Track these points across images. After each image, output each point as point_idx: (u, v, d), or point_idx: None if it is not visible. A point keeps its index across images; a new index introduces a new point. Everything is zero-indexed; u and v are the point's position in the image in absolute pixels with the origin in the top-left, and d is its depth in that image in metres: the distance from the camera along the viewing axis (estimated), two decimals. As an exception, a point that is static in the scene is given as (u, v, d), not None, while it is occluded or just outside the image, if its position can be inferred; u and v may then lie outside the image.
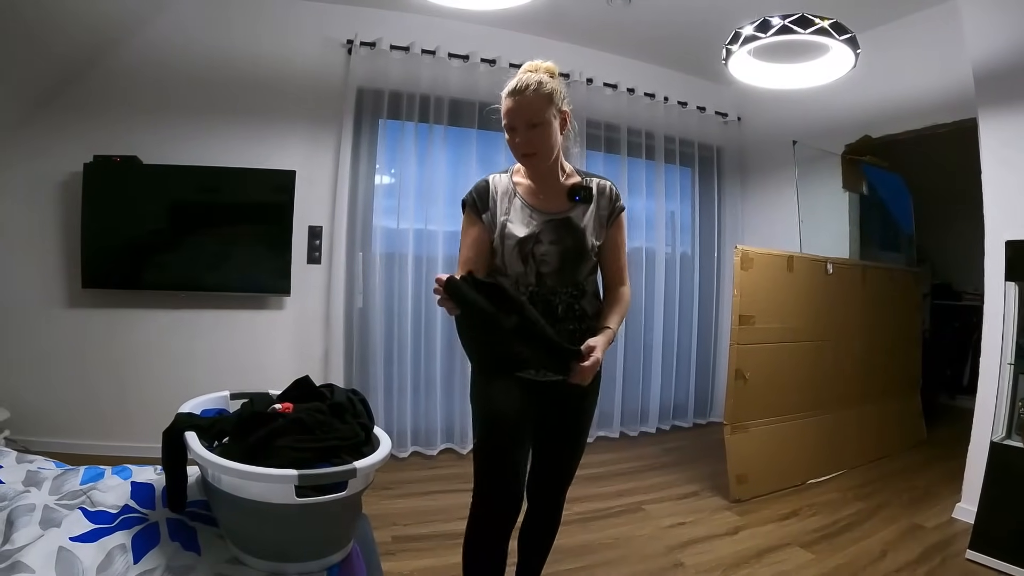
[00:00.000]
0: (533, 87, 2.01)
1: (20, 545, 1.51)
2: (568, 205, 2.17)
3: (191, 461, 1.64)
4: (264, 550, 1.54)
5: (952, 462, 4.16)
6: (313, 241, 4.81)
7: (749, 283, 4.17)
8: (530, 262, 2.12)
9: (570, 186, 2.19)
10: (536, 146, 2.05)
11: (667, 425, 6.08)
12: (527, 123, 2.02)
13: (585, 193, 2.18)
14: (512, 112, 2.04)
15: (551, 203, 2.17)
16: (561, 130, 2.11)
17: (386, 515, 3.62)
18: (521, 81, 2.03)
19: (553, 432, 2.24)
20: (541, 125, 2.03)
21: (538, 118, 2.02)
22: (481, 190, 2.19)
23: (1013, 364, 3.40)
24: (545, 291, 2.13)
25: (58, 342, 4.39)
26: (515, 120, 2.04)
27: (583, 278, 2.20)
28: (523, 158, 2.10)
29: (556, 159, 2.15)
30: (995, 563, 3.11)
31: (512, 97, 2.03)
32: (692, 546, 3.45)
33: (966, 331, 6.85)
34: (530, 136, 2.03)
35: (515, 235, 2.10)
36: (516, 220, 2.13)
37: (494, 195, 2.17)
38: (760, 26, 3.11)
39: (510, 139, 2.07)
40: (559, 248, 2.13)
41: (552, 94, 2.04)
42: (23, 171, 4.28)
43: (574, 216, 2.16)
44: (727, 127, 6.35)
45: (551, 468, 2.32)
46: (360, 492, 1.64)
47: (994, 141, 3.67)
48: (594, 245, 2.18)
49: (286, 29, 4.74)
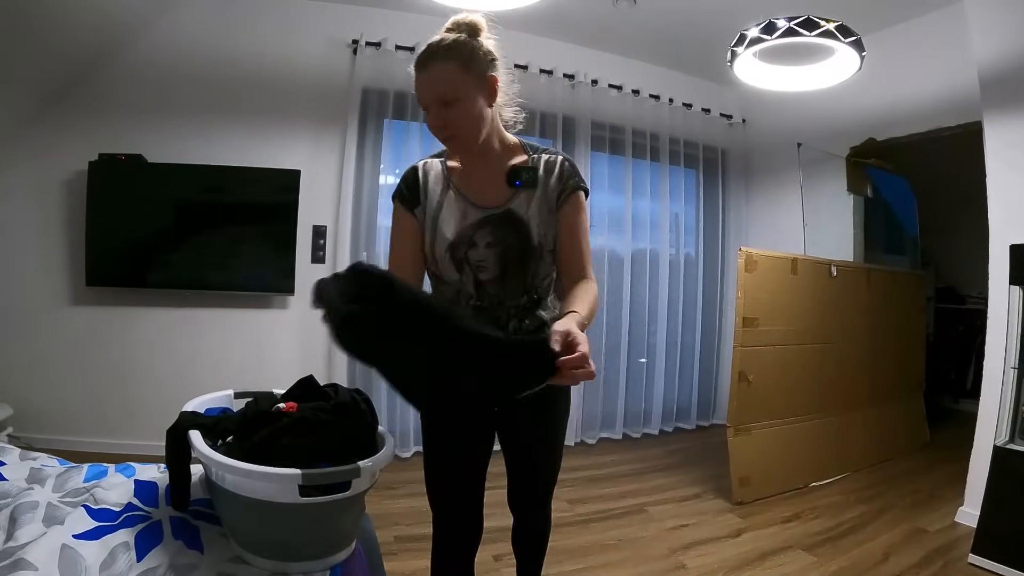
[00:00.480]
0: (443, 52, 1.63)
1: (23, 543, 1.51)
2: (509, 193, 1.79)
3: (195, 459, 1.64)
4: (267, 549, 1.54)
5: (955, 466, 4.15)
6: (317, 241, 4.81)
7: (753, 285, 4.17)
8: (466, 270, 1.79)
9: (511, 168, 1.80)
10: (455, 127, 1.68)
11: (670, 427, 6.07)
12: (439, 100, 1.64)
13: (528, 176, 1.79)
14: (420, 88, 1.67)
15: (489, 192, 1.80)
16: (488, 102, 1.72)
17: (389, 515, 3.63)
18: (433, 45, 1.65)
19: (519, 447, 2.02)
20: (458, 101, 1.64)
21: (452, 93, 1.63)
22: (410, 180, 1.86)
23: (1017, 368, 3.39)
24: (489, 304, 1.81)
25: (62, 340, 4.40)
26: (424, 98, 1.67)
27: (538, 282, 1.85)
28: (444, 142, 1.74)
29: (489, 138, 1.77)
30: (998, 567, 3.11)
31: (418, 68, 1.67)
32: (694, 548, 3.45)
33: (970, 335, 6.86)
34: (446, 116, 1.66)
35: (446, 238, 1.78)
36: (448, 217, 1.80)
37: (424, 185, 1.84)
38: (766, 28, 3.12)
39: (427, 121, 1.72)
40: (498, 251, 1.77)
41: (470, 59, 1.65)
42: (28, 169, 4.30)
43: (516, 207, 1.79)
44: (732, 129, 6.35)
45: (524, 483, 2.08)
46: (364, 492, 1.63)
47: (999, 144, 3.66)
48: (544, 239, 1.79)
49: (291, 29, 4.75)
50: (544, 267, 1.83)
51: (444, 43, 1.64)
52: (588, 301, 1.67)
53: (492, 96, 1.72)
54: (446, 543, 2.01)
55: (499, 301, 1.81)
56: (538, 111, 5.28)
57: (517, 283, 1.80)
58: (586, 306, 1.63)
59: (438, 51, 1.63)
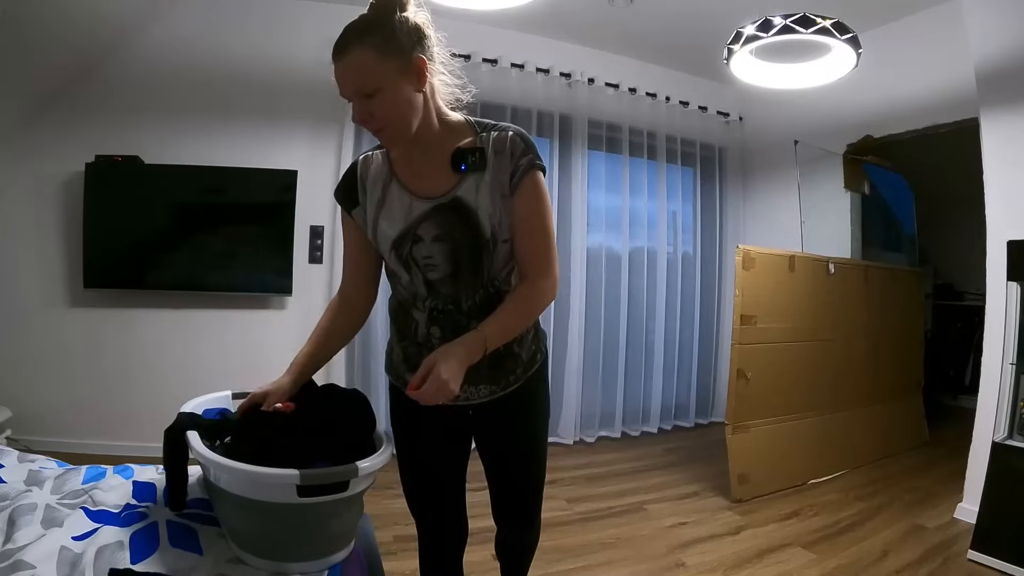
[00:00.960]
0: (356, 39, 1.43)
1: (22, 544, 1.51)
2: (455, 179, 1.58)
3: (193, 460, 1.64)
4: (266, 550, 1.54)
5: (954, 462, 4.16)
6: (315, 241, 4.81)
7: (751, 283, 4.17)
8: (413, 268, 1.64)
9: (455, 150, 1.58)
10: (382, 119, 1.49)
11: (669, 425, 6.07)
12: (358, 92, 1.46)
13: (475, 157, 1.57)
14: (338, 79, 1.48)
15: (434, 180, 1.60)
16: (417, 87, 1.51)
17: (388, 514, 3.62)
18: (344, 32, 1.46)
19: (495, 456, 1.93)
20: (379, 91, 1.44)
21: (371, 83, 1.44)
22: (348, 178, 1.70)
23: (1015, 364, 3.40)
24: (444, 306, 1.66)
25: (60, 342, 4.40)
26: (343, 90, 1.49)
27: (495, 273, 1.67)
28: (375, 135, 1.55)
29: (426, 123, 1.57)
30: (997, 563, 3.11)
31: (335, 59, 1.47)
32: (693, 546, 3.45)
33: (968, 331, 6.86)
34: (369, 108, 1.47)
35: (388, 235, 1.63)
36: (391, 213, 1.63)
37: (363, 182, 1.67)
38: (762, 26, 3.12)
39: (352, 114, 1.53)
40: (446, 246, 1.60)
41: (388, 40, 1.44)
42: (25, 171, 4.30)
43: (463, 194, 1.58)
44: (729, 127, 6.35)
45: (506, 496, 1.99)
46: (362, 492, 1.63)
47: (996, 141, 3.66)
48: (497, 229, 1.59)
49: (287, 29, 4.74)
50: (500, 258, 1.65)
51: (359, 25, 1.44)
52: (511, 311, 1.61)
53: (420, 79, 1.50)
54: (429, 549, 1.98)
55: (454, 301, 1.65)
56: (535, 110, 5.28)
57: (471, 280, 1.63)
58: (505, 318, 1.58)
59: (351, 35, 1.44)
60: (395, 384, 1.82)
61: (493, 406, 1.77)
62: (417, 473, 1.88)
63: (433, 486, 1.89)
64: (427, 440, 1.83)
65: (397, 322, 1.78)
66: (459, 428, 1.86)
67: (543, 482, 2.02)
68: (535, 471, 1.97)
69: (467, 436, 1.91)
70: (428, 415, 1.64)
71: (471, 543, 2.06)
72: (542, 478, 2.01)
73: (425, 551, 1.98)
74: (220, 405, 1.96)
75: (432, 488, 1.90)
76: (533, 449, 1.94)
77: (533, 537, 2.14)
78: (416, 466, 1.87)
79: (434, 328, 1.68)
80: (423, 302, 1.67)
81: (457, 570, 2.02)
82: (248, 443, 1.62)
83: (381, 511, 3.61)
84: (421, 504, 1.92)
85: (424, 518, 1.94)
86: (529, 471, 1.96)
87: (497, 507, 2.02)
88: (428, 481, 1.89)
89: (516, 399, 1.80)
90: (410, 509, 1.94)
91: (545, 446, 2.03)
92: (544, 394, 1.92)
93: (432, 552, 1.98)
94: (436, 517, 1.93)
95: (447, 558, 1.99)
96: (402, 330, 1.76)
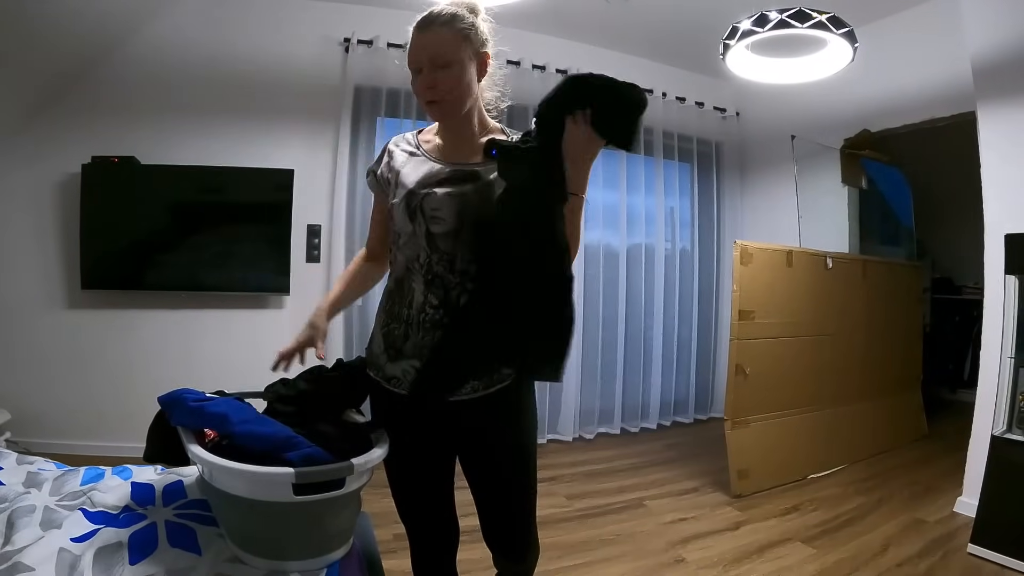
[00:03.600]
0: (445, 19, 1.64)
1: (21, 546, 1.51)
2: (483, 160, 1.68)
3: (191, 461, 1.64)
4: (264, 548, 1.54)
5: (953, 456, 4.17)
6: (312, 240, 4.81)
7: (748, 278, 4.17)
8: (418, 218, 1.68)
9: (488, 140, 1.67)
10: (443, 91, 1.64)
11: (668, 421, 6.08)
12: (432, 61, 1.62)
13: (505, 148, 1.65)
14: (416, 48, 1.66)
15: (462, 152, 1.75)
16: (479, 75, 1.72)
17: (387, 513, 3.58)
18: (431, 12, 1.66)
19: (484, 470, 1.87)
20: (451, 65, 1.62)
21: (447, 56, 1.62)
22: (381, 155, 1.84)
23: (1013, 357, 3.39)
24: (437, 266, 1.68)
25: (58, 343, 4.40)
26: (419, 58, 1.65)
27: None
28: (427, 105, 1.69)
29: (470, 113, 1.73)
30: (997, 557, 3.12)
31: (420, 28, 1.66)
32: (693, 541, 3.45)
33: (967, 325, 6.85)
34: (436, 77, 1.63)
35: (405, 186, 1.71)
36: (412, 171, 1.74)
37: (391, 153, 1.81)
38: (758, 20, 3.11)
39: (414, 84, 1.69)
40: (457, 202, 1.67)
41: (470, 31, 1.66)
42: (22, 173, 4.29)
43: (484, 171, 1.70)
44: (726, 122, 6.34)
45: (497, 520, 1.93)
46: (359, 489, 1.63)
47: (993, 134, 3.67)
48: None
49: (283, 28, 4.73)
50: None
51: (447, 11, 1.65)
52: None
53: (482, 71, 1.73)
54: (421, 553, 1.96)
55: (449, 260, 1.66)
56: (531, 107, 5.26)
57: (471, 240, 1.66)
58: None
59: (441, 16, 1.64)
60: (376, 380, 1.79)
61: (477, 410, 1.73)
62: (403, 478, 1.87)
63: (419, 490, 1.88)
64: (411, 443, 1.79)
65: (391, 300, 1.78)
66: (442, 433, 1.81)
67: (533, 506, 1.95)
68: (530, 486, 1.91)
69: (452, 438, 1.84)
70: (411, 418, 1.72)
71: (465, 540, 2.02)
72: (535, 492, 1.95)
73: (417, 555, 1.96)
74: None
75: (419, 492, 1.88)
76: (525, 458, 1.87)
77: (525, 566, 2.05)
78: (401, 470, 1.85)
79: (431, 295, 1.67)
80: (419, 262, 1.69)
81: (451, 570, 2.00)
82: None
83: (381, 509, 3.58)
84: (409, 509, 1.91)
85: (413, 523, 1.93)
86: (525, 485, 1.90)
87: (491, 534, 1.95)
88: (414, 485, 1.87)
89: (501, 407, 1.76)
90: (399, 513, 1.93)
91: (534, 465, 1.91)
92: (531, 403, 1.87)
93: (424, 556, 1.96)
94: (425, 521, 1.92)
95: (441, 561, 1.96)
96: (393, 308, 1.76)
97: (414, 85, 1.69)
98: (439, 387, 1.68)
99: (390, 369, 1.72)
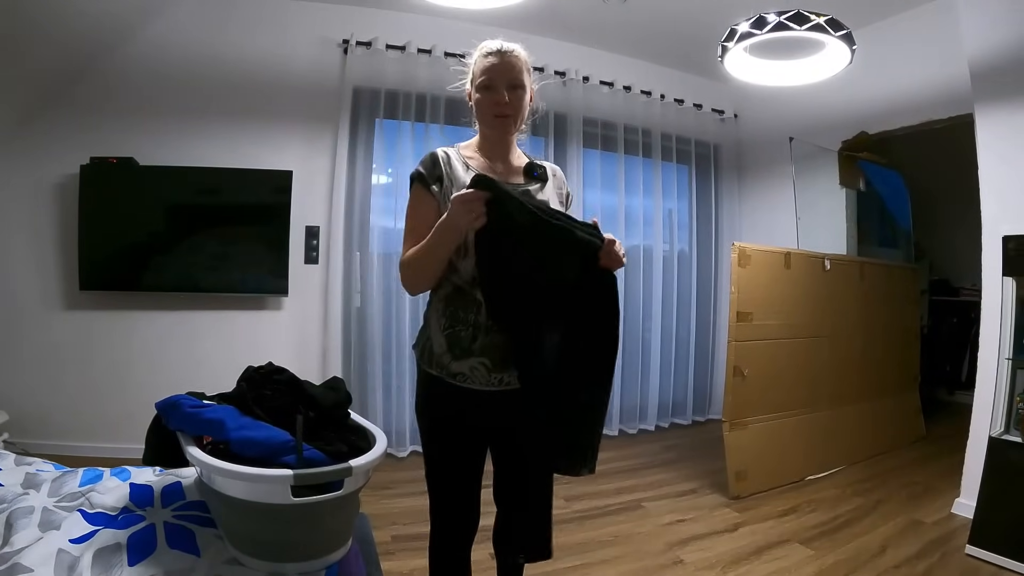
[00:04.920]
0: (519, 52, 1.96)
1: (19, 547, 1.51)
2: (524, 180, 2.03)
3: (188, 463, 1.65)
4: (262, 550, 1.54)
5: (951, 458, 4.17)
6: (310, 241, 4.81)
7: (746, 280, 4.18)
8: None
9: (526, 163, 2.06)
10: (513, 108, 1.94)
11: (666, 422, 6.09)
12: (509, 83, 1.92)
13: (542, 171, 2.06)
14: (496, 69, 1.92)
15: (509, 177, 2.00)
16: (530, 103, 2.03)
17: (386, 514, 3.63)
18: (507, 44, 1.95)
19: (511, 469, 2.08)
20: (521, 88, 1.94)
21: (519, 80, 1.93)
22: (427, 162, 1.98)
23: (1011, 359, 3.40)
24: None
25: (56, 345, 4.39)
26: (498, 78, 1.91)
27: None
28: (496, 118, 1.95)
29: (512, 137, 2.05)
30: (995, 558, 3.12)
31: (497, 55, 1.92)
32: (692, 543, 3.45)
33: (964, 326, 6.86)
34: (508, 95, 1.92)
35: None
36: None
37: (445, 165, 1.96)
38: (756, 23, 3.11)
39: (487, 97, 1.93)
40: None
41: (528, 64, 1.99)
42: (20, 174, 4.29)
43: (533, 190, 2.01)
44: (724, 124, 6.35)
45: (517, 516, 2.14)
46: (357, 490, 1.64)
47: (991, 136, 3.67)
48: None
49: (281, 29, 4.74)
50: None
51: (518, 47, 1.97)
52: None
53: (531, 100, 2.03)
54: (449, 541, 2.03)
55: None
56: (529, 108, 5.27)
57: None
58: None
59: (516, 48, 1.96)
60: (437, 376, 1.91)
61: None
62: (452, 465, 1.98)
63: (465, 479, 1.99)
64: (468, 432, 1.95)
65: (453, 306, 1.92)
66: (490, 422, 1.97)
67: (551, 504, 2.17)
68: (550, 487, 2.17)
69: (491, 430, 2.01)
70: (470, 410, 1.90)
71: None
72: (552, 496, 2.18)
73: (441, 543, 2.05)
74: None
75: (465, 480, 1.99)
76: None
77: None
78: (452, 459, 1.97)
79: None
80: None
81: (468, 561, 2.08)
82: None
83: (379, 511, 3.62)
84: (453, 496, 2.00)
85: (451, 510, 2.02)
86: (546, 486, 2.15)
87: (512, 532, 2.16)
88: (462, 473, 1.99)
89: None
90: (435, 501, 2.02)
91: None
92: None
93: (448, 543, 2.04)
94: (463, 509, 2.02)
95: (463, 549, 2.05)
96: (458, 313, 1.90)
97: (483, 99, 1.94)
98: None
99: (455, 367, 1.87)
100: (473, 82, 1.98)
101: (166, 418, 1.80)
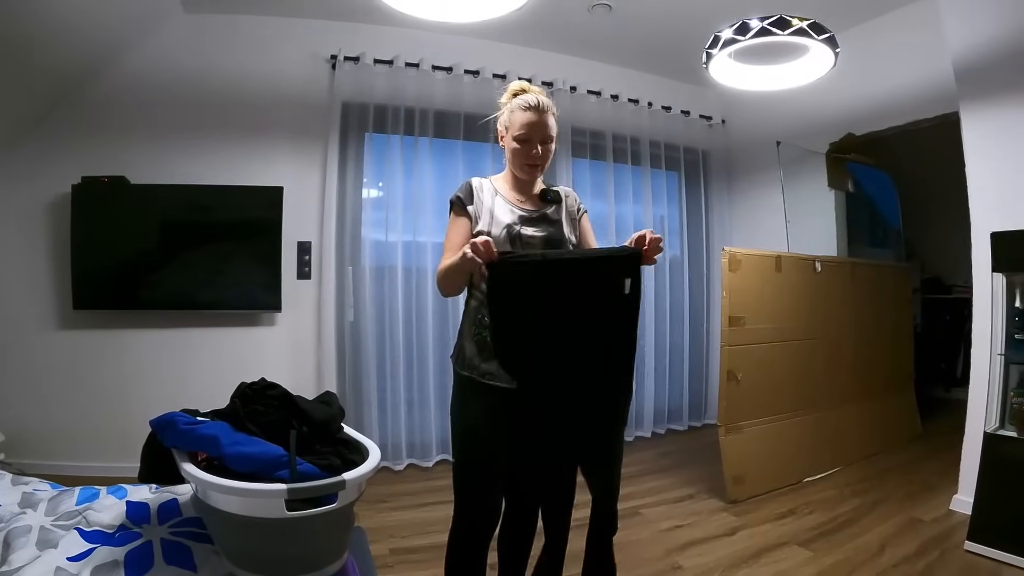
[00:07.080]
0: (550, 107, 2.21)
1: (17, 566, 1.52)
2: (542, 206, 2.33)
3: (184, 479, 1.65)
4: (258, 564, 1.54)
5: (948, 455, 4.19)
6: (303, 256, 4.81)
7: (738, 284, 4.19)
8: (517, 244, 2.20)
9: (541, 190, 2.35)
10: (544, 159, 2.24)
11: (662, 429, 6.09)
12: (544, 138, 2.20)
13: (555, 195, 2.36)
14: (534, 125, 2.17)
15: (528, 204, 2.32)
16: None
17: (383, 528, 3.62)
18: (542, 100, 2.20)
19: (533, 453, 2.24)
20: (551, 141, 2.23)
21: (550, 135, 2.21)
22: (467, 187, 2.30)
23: (1003, 354, 3.42)
24: None
25: (51, 364, 4.38)
26: (535, 133, 2.18)
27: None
28: (530, 167, 2.24)
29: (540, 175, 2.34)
30: (994, 553, 3.13)
31: (536, 112, 2.18)
32: (690, 548, 3.45)
33: (957, 324, 6.89)
34: (541, 148, 2.20)
35: (502, 220, 2.22)
36: (501, 211, 2.25)
37: (479, 192, 2.27)
38: (739, 29, 3.13)
39: (524, 150, 2.20)
40: (543, 234, 2.26)
41: (555, 113, 2.24)
42: (12, 193, 4.29)
43: (550, 212, 2.32)
44: (712, 130, 6.38)
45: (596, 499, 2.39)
46: (351, 503, 1.64)
47: (976, 135, 3.71)
48: (569, 236, 2.33)
49: (269, 47, 4.76)
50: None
51: (549, 101, 2.23)
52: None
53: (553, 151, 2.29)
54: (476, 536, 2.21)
55: None
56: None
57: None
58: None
59: (548, 104, 2.21)
60: (469, 377, 2.15)
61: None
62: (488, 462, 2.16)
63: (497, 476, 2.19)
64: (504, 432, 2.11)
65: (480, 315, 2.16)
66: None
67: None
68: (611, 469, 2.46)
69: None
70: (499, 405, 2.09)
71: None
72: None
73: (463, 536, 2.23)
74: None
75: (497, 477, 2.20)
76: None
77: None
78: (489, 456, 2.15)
79: None
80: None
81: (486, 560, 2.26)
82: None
83: (376, 524, 3.61)
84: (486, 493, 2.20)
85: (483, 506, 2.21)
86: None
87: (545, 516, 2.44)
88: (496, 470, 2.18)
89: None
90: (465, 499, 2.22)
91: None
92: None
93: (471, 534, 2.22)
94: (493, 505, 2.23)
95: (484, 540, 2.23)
96: (484, 321, 2.12)
97: (522, 152, 2.21)
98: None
99: (484, 367, 2.11)
100: (508, 128, 2.23)
101: (161, 435, 1.81)
